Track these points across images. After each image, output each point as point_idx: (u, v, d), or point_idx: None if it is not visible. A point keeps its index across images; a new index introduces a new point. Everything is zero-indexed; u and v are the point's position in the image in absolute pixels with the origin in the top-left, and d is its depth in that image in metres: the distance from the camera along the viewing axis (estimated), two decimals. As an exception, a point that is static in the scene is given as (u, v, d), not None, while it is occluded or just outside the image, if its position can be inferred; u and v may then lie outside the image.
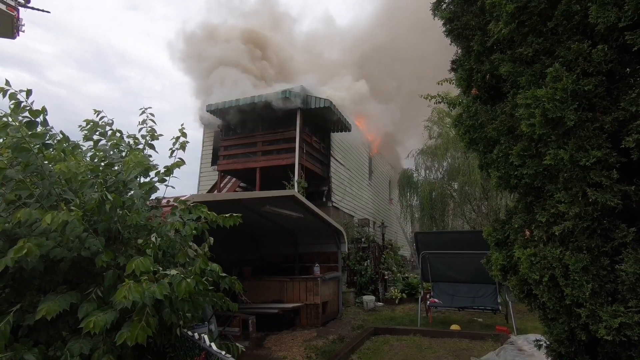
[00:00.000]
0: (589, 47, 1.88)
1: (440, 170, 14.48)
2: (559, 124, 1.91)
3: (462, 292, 7.27)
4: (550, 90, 1.89)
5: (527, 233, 2.21)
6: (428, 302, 7.26)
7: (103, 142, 2.97)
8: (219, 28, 14.07)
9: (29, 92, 2.38)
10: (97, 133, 2.97)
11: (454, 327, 6.63)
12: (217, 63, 12.60)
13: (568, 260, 1.89)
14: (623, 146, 1.75)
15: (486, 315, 7.52)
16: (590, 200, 1.81)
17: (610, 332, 1.73)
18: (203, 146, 13.95)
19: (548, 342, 2.28)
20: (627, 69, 1.90)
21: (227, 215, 2.80)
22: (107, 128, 3.01)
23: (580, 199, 1.86)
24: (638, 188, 1.75)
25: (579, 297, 1.87)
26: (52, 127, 2.61)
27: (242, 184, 12.65)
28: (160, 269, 2.25)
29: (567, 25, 1.98)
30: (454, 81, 2.87)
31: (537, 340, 2.46)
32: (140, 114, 3.03)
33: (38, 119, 2.45)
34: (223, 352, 2.05)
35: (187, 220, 2.71)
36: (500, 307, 6.76)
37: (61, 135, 2.70)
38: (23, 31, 10.57)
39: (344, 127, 12.14)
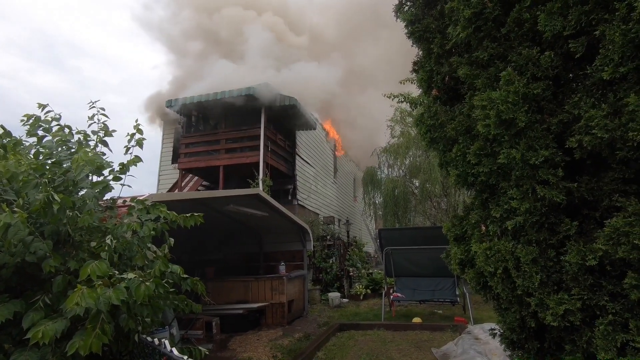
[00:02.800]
0: (537, 53, 2.00)
1: (403, 168, 14.89)
2: (511, 125, 2.02)
3: (423, 286, 7.54)
4: (504, 93, 2.00)
5: (483, 228, 2.33)
6: (391, 296, 7.46)
7: (48, 138, 2.75)
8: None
9: (-39, 83, 2.15)
10: (41, 129, 2.75)
11: (416, 319, 6.87)
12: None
13: (519, 253, 2.02)
14: (567, 146, 1.89)
15: (445, 307, 7.85)
16: (539, 196, 1.94)
17: (556, 319, 1.86)
18: (163, 143, 13.36)
19: (502, 331, 2.42)
20: (570, 75, 2.05)
21: (188, 215, 2.70)
22: (54, 123, 2.79)
23: (530, 195, 1.99)
24: (580, 185, 1.90)
25: (529, 287, 2.00)
26: None
27: (204, 183, 12.26)
28: (117, 272, 2.13)
29: (519, 32, 2.11)
30: (415, 81, 2.95)
31: (492, 329, 2.61)
32: (90, 108, 2.84)
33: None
34: (185, 357, 1.98)
35: (145, 220, 2.59)
36: (458, 299, 7.10)
37: (1, 130, 2.48)
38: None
39: (309, 125, 12.13)
